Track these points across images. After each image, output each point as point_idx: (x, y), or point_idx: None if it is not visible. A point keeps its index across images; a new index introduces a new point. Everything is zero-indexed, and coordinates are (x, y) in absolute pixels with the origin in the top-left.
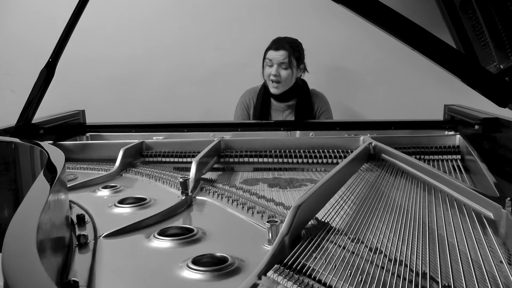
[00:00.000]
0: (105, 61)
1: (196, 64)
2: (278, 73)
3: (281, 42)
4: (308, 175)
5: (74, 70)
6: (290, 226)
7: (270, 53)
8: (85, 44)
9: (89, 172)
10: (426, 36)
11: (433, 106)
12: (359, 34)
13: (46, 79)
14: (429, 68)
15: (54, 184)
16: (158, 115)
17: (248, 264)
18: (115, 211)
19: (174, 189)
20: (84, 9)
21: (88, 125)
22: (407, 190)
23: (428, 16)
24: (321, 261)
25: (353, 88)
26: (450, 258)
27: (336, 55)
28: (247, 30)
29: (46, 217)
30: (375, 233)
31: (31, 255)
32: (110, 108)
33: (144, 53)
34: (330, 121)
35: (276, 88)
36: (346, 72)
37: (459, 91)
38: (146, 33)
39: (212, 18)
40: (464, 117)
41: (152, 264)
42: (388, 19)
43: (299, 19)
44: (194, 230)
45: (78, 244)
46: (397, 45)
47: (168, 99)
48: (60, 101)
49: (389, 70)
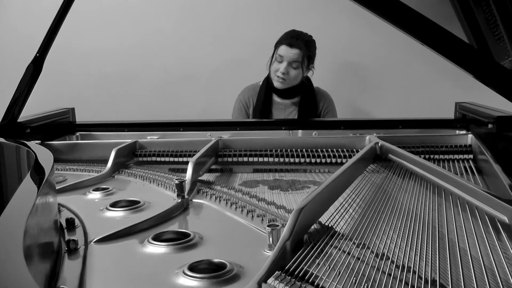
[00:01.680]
0: (96, 56)
1: (193, 59)
2: (287, 71)
3: (297, 40)
4: (311, 177)
5: (63, 66)
6: (291, 231)
7: (282, 48)
8: (75, 37)
9: (79, 174)
10: (436, 30)
11: (444, 103)
12: (365, 28)
13: (33, 75)
14: (440, 64)
15: (42, 186)
16: (153, 113)
17: (248, 271)
18: (107, 214)
19: (170, 191)
20: (74, 0)
21: (78, 124)
22: (416, 193)
23: (438, 9)
24: (324, 268)
25: (358, 85)
26: (462, 264)
27: (341, 50)
28: (246, 24)
29: (34, 221)
30: (381, 238)
31: (17, 262)
32: (101, 106)
33: (138, 48)
34: (334, 119)
35: (281, 83)
36: (351, 68)
37: (471, 88)
38: (140, 27)
39: (208, 12)
40: (476, 115)
41: (146, 271)
42: (395, 11)
43: (300, 12)
44: (190, 234)
45: (68, 250)
46: (405, 39)
47: (163, 96)
48: (48, 99)
49: (396, 66)
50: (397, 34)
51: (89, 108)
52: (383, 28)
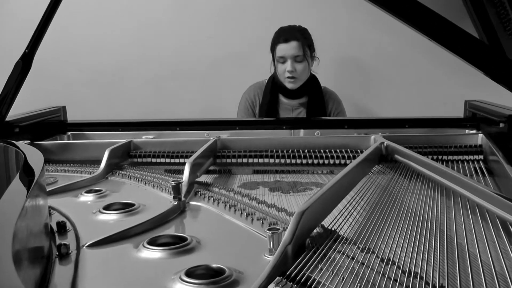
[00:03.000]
0: (88, 52)
1: (191, 54)
2: (294, 68)
3: (290, 32)
4: (313, 178)
5: (53, 62)
6: (293, 235)
7: (280, 47)
8: (66, 32)
9: (70, 175)
10: (444, 25)
11: (453, 102)
12: (369, 22)
13: (22, 72)
14: (449, 60)
15: (32, 188)
16: (148, 111)
17: (247, 276)
18: (99, 218)
19: (166, 193)
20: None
21: (70, 123)
22: (423, 195)
23: (446, 2)
24: (327, 273)
25: (362, 83)
26: (471, 270)
27: (344, 46)
28: (247, 17)
29: (23, 225)
30: (387, 242)
31: (6, 267)
32: (94, 104)
33: (132, 43)
34: (337, 118)
35: (294, 83)
36: (355, 64)
37: (481, 85)
38: (134, 20)
39: (207, 4)
40: (487, 114)
41: (141, 277)
42: (401, 5)
43: (301, 7)
44: (187, 239)
45: (59, 255)
46: (412, 35)
47: (159, 93)
48: (38, 97)
49: (403, 62)
50: (404, 28)
51: (81, 106)
52: (388, 22)
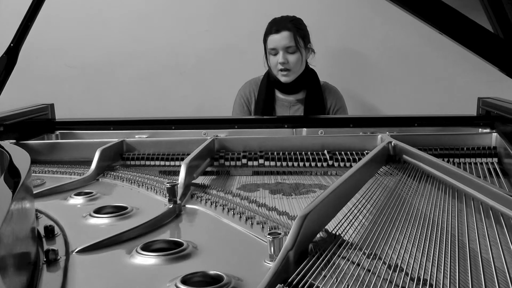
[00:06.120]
0: (77, 46)
1: (186, 49)
2: (286, 60)
3: (281, 22)
4: (316, 180)
5: (40, 57)
6: (295, 240)
7: (271, 38)
8: (53, 26)
9: (59, 177)
10: (456, 17)
11: (465, 99)
12: (374, 13)
13: (6, 67)
14: (461, 54)
15: (18, 190)
16: (141, 109)
17: (247, 284)
18: (90, 222)
19: (160, 196)
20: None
21: (58, 121)
22: (433, 197)
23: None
24: (331, 281)
25: (368, 78)
26: (484, 277)
27: (347, 39)
28: (243, 10)
29: (8, 229)
30: (395, 248)
31: None
32: (83, 102)
33: (123, 37)
34: (342, 116)
35: (287, 76)
36: (359, 59)
37: (496, 81)
38: (125, 12)
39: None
40: (502, 112)
41: (134, 285)
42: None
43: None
44: (183, 244)
45: (47, 261)
46: (421, 27)
47: (153, 90)
48: (24, 94)
49: (411, 57)
50: (412, 20)
51: (69, 104)
52: (395, 13)
